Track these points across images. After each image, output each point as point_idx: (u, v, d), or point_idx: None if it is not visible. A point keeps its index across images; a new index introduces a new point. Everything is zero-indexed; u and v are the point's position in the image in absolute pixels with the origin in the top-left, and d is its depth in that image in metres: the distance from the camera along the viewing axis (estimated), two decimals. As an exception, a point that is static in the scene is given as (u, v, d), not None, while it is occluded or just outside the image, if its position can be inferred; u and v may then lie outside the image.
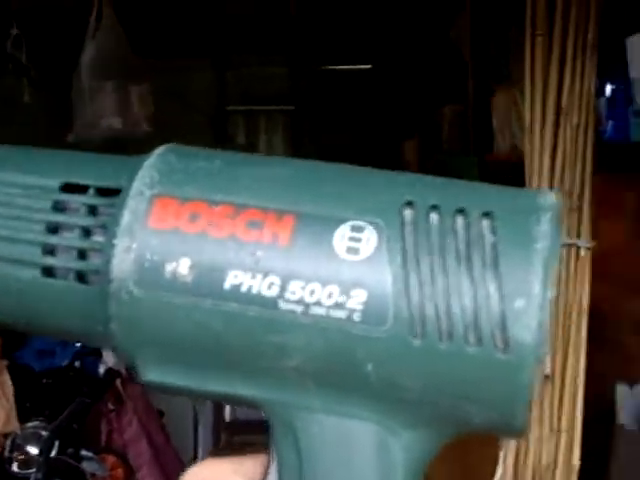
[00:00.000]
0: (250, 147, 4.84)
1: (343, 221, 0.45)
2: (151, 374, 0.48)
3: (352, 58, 4.70)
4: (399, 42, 4.43)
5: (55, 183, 0.50)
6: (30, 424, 3.33)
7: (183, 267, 0.46)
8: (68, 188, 0.50)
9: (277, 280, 0.45)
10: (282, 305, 0.45)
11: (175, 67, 4.45)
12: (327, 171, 0.49)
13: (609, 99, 2.30)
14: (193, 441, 4.44)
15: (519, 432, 0.46)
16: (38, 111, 4.12)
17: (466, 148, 3.85)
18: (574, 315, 2.20)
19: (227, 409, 4.10)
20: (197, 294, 0.46)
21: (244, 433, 3.65)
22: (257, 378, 0.47)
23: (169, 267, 0.46)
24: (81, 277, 0.49)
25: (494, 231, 0.44)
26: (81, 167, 0.51)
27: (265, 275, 0.45)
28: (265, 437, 0.49)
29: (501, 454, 2.22)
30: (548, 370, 2.18)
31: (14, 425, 3.26)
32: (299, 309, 0.45)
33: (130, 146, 3.75)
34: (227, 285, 0.46)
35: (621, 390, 2.61)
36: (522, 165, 2.33)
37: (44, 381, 3.62)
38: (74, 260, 0.49)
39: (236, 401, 0.49)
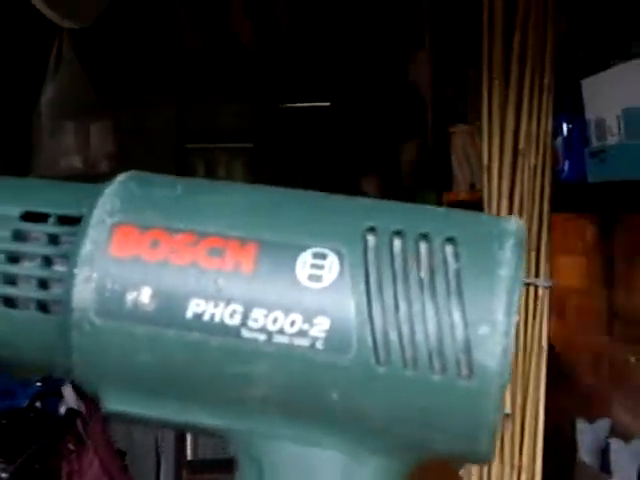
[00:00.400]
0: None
1: (305, 248, 0.45)
2: (113, 403, 0.48)
3: (311, 96, 4.72)
4: (357, 80, 4.46)
5: (15, 212, 0.49)
6: (-11, 466, 3.30)
7: (144, 296, 0.46)
8: (29, 217, 0.49)
9: (240, 308, 0.45)
10: (245, 334, 0.45)
11: (134, 104, 4.45)
12: (289, 198, 0.49)
13: (565, 139, 2.32)
14: (155, 481, 4.40)
15: (484, 458, 0.46)
16: (-3, 150, 4.10)
17: (425, 185, 3.88)
18: (533, 353, 2.21)
19: (189, 448, 4.07)
20: (159, 323, 0.45)
21: (205, 472, 3.62)
22: (221, 407, 0.46)
23: (130, 296, 0.46)
24: (43, 307, 0.48)
25: (457, 257, 0.44)
26: (41, 195, 0.51)
27: (227, 303, 0.45)
28: (225, 476, 0.48)
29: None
30: (508, 408, 2.19)
31: (-27, 468, 3.22)
32: (262, 337, 0.45)
33: (91, 183, 3.73)
34: (189, 314, 0.45)
35: (581, 427, 2.62)
36: (481, 204, 2.35)
37: (3, 422, 3.57)
38: (35, 290, 0.48)
39: (200, 430, 0.48)
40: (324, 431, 0.46)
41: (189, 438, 4.08)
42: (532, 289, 2.20)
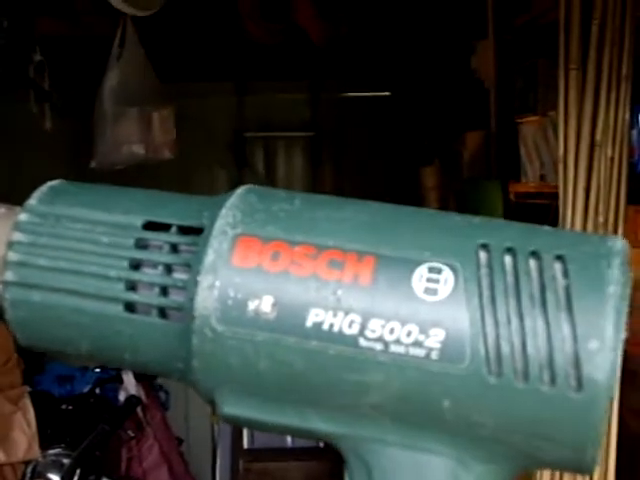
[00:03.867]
0: (269, 173, 4.84)
1: (421, 262, 0.47)
2: (229, 408, 0.50)
3: (371, 85, 4.71)
4: (418, 69, 4.43)
5: (138, 221, 0.51)
6: (51, 451, 3.31)
7: (266, 304, 0.48)
8: (151, 226, 0.51)
9: (358, 318, 0.47)
10: (362, 343, 0.47)
11: (195, 92, 4.45)
12: (403, 214, 0.51)
13: (641, 131, 2.28)
14: (211, 468, 4.41)
15: (588, 468, 0.47)
16: (60, 137, 4.11)
17: (488, 175, 3.85)
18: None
19: (245, 436, 4.07)
20: (279, 331, 0.47)
21: (262, 460, 3.62)
22: (334, 414, 0.48)
23: (252, 304, 0.48)
24: (163, 313, 0.50)
25: (567, 274, 0.46)
26: (162, 206, 0.53)
27: (346, 313, 0.47)
28: (282, 464, 0.50)
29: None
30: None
31: (36, 452, 3.24)
32: (379, 347, 0.46)
33: (151, 170, 3.75)
34: (309, 323, 0.47)
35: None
36: (551, 195, 2.33)
37: (63, 407, 3.60)
38: (156, 296, 0.50)
39: (311, 435, 0.50)
40: (433, 438, 0.47)
41: (246, 426, 4.07)
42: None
